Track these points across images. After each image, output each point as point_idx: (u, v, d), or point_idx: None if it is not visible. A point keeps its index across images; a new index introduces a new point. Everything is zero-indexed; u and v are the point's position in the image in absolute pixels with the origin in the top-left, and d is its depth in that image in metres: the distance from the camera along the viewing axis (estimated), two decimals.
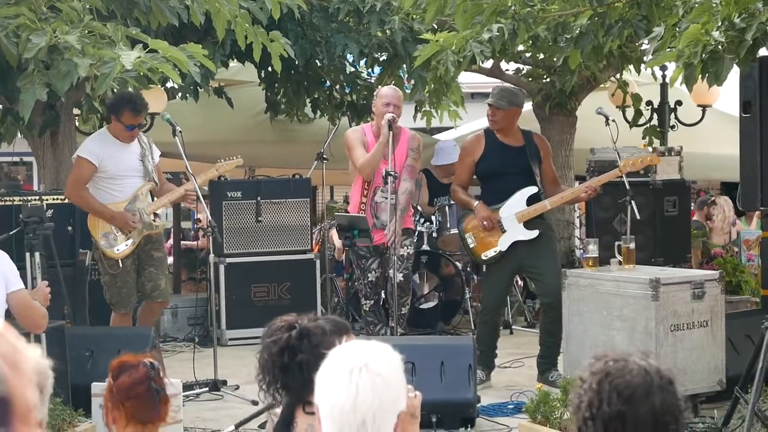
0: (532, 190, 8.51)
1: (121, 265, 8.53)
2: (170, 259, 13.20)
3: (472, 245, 8.64)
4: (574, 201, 9.58)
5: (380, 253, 8.89)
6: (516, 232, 8.48)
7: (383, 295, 9.25)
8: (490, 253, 8.56)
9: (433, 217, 11.05)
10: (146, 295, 8.72)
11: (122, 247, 8.53)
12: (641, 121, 12.22)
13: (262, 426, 6.73)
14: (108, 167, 8.50)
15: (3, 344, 2.03)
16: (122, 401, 3.99)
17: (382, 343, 2.93)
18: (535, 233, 8.48)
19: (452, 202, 9.96)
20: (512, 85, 9.25)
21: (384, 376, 2.83)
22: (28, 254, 7.16)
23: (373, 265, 8.96)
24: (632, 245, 8.00)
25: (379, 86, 9.58)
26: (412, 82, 10.92)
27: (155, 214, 8.84)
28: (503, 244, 8.50)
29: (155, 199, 8.81)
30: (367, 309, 9.09)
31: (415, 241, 10.13)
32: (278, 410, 3.74)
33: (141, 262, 8.65)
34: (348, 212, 9.31)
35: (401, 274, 8.82)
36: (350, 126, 11.62)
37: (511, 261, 8.56)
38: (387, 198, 8.53)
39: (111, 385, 4.05)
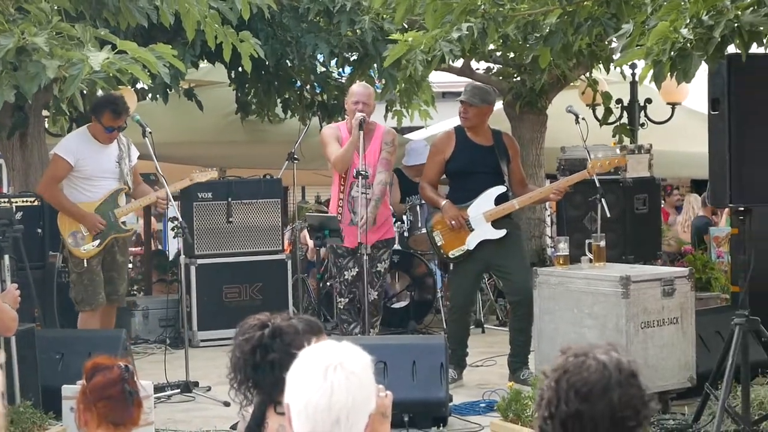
0: (501, 189, 8.53)
1: (86, 264, 8.57)
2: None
3: (439, 243, 8.65)
4: (542, 201, 9.62)
5: (355, 255, 8.87)
6: (484, 231, 8.50)
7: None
8: (458, 251, 8.57)
9: (404, 217, 11.05)
10: (105, 297, 8.76)
11: (89, 247, 8.59)
12: (611, 119, 12.26)
13: (234, 427, 6.73)
14: (84, 167, 8.57)
15: None
16: (95, 402, 3.98)
17: (352, 344, 2.94)
18: (502, 232, 8.49)
19: (423, 201, 9.96)
20: (484, 84, 9.28)
21: (358, 375, 2.84)
22: None
23: (350, 263, 8.95)
24: (603, 243, 8.02)
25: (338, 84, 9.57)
26: (383, 81, 10.92)
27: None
28: (471, 242, 8.52)
29: (128, 201, 8.84)
30: (342, 307, 9.08)
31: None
32: (249, 410, 3.74)
33: (105, 264, 8.70)
34: (327, 209, 9.32)
35: (375, 293, 8.88)
36: (320, 126, 11.62)
37: (478, 260, 8.58)
38: (363, 192, 8.57)
39: (84, 386, 4.04)
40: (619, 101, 12.31)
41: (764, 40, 6.39)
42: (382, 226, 8.93)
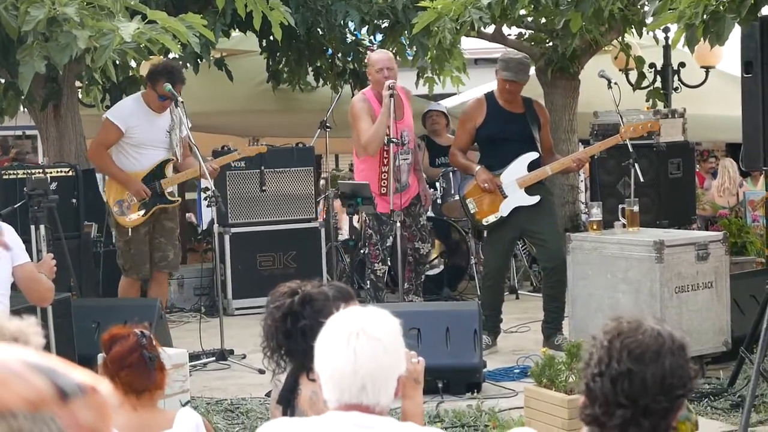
0: (533, 155, 8.50)
1: (130, 233, 8.62)
2: None
3: (473, 210, 8.64)
4: (573, 168, 9.55)
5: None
6: (517, 198, 8.48)
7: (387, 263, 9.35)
8: (491, 218, 8.56)
9: (437, 184, 11.04)
10: (153, 264, 8.84)
11: (134, 216, 8.66)
12: (644, 83, 12.18)
13: (268, 394, 6.77)
14: (134, 134, 8.65)
15: None
16: (117, 372, 4.01)
17: (380, 309, 2.96)
18: (536, 198, 8.48)
19: (456, 168, 9.95)
20: (519, 53, 9.15)
21: (382, 341, 2.85)
22: (32, 227, 7.17)
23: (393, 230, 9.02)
24: (636, 208, 7.99)
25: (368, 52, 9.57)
26: (414, 48, 10.88)
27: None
28: (504, 209, 8.51)
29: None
30: (380, 275, 9.14)
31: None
32: (282, 377, 3.76)
33: (153, 231, 8.78)
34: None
35: (426, 245, 9.32)
36: (353, 94, 11.61)
37: (512, 226, 8.57)
38: (406, 159, 8.89)
39: (105, 359, 4.08)
40: (652, 65, 12.23)
41: None
42: (414, 186, 9.17)
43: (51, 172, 9.13)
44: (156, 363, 4.04)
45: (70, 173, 9.26)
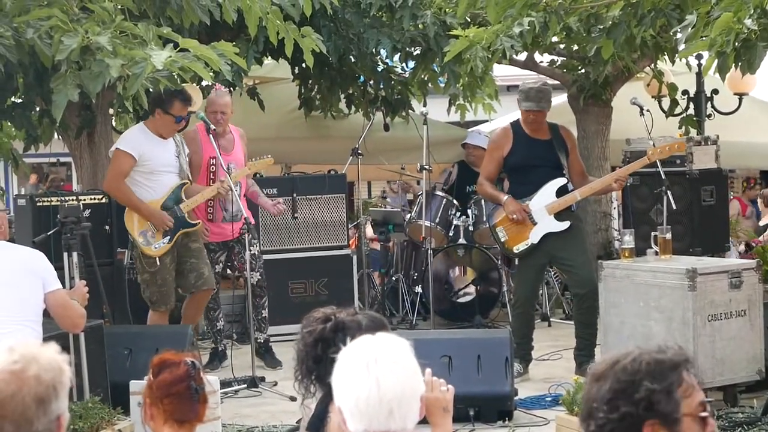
0: (561, 181, 8.48)
1: (159, 263, 8.57)
2: None
3: (503, 239, 8.63)
4: (604, 192, 9.53)
5: (228, 247, 9.27)
6: (547, 224, 8.46)
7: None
8: (522, 246, 8.54)
9: (469, 211, 11.04)
10: (191, 286, 8.80)
11: (160, 244, 8.59)
12: (677, 110, 12.14)
13: (299, 421, 6.77)
14: (147, 161, 8.57)
15: None
16: (161, 398, 4.00)
17: (388, 334, 2.97)
18: (566, 224, 8.45)
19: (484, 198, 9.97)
20: (540, 83, 9.13)
21: (399, 363, 2.87)
22: (65, 254, 7.21)
23: (221, 258, 9.32)
24: (668, 235, 7.96)
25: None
26: (446, 75, 10.90)
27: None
28: (535, 236, 8.48)
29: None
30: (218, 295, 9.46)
31: (451, 234, 10.23)
32: (312, 403, 3.76)
33: (180, 257, 8.71)
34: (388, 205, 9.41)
35: (258, 273, 9.22)
36: (384, 121, 11.71)
37: (542, 253, 8.54)
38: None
39: (151, 382, 4.06)
40: (685, 92, 12.18)
41: None
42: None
43: (84, 200, 9.18)
44: (201, 396, 4.03)
45: (104, 200, 9.30)
